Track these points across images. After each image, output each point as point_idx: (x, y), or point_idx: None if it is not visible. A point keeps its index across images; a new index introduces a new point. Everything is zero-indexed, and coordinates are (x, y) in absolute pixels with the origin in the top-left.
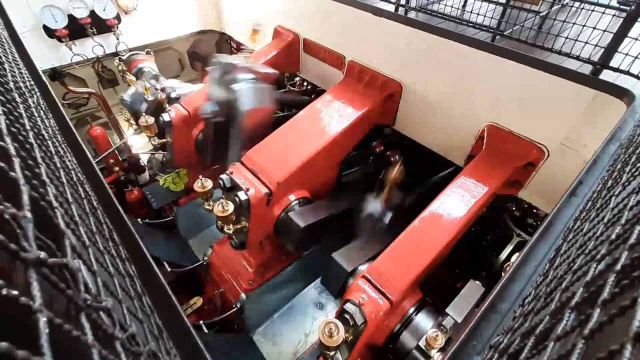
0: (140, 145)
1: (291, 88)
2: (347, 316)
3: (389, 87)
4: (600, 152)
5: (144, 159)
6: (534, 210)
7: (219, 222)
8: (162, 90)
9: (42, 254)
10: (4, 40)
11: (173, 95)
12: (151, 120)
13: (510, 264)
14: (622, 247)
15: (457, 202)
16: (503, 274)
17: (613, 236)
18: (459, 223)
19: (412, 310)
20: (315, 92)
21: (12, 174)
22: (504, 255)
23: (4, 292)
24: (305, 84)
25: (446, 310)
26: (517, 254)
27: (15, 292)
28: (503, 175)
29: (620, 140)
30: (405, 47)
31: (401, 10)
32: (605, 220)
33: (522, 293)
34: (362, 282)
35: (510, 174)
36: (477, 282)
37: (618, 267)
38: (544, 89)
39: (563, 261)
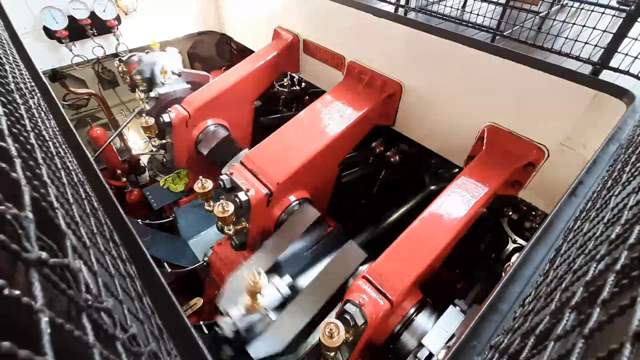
0: (141, 146)
1: (279, 88)
2: (348, 317)
3: (389, 88)
4: (600, 152)
5: (144, 160)
6: (533, 213)
7: (219, 222)
8: (158, 98)
9: (44, 255)
10: (4, 41)
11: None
12: (151, 121)
13: (511, 264)
14: (622, 247)
15: (457, 202)
16: (503, 274)
17: (613, 236)
18: (459, 223)
19: (412, 310)
20: (308, 93)
21: (14, 174)
22: (504, 255)
23: (6, 292)
24: (296, 84)
25: (421, 341)
26: (517, 254)
27: (17, 292)
28: (503, 175)
29: (620, 140)
30: (405, 48)
31: (401, 11)
32: (605, 220)
33: (523, 293)
34: (363, 283)
35: (510, 174)
36: (458, 307)
37: (618, 267)
38: (544, 89)
39: (563, 261)
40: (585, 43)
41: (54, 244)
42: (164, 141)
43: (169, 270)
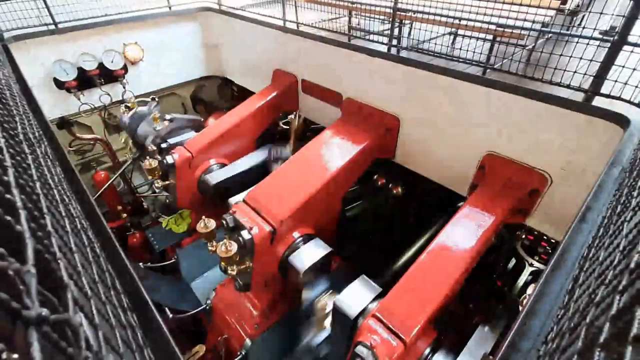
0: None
1: (283, 126)
2: None
3: (387, 122)
4: (604, 176)
5: (147, 201)
6: (545, 237)
7: (222, 263)
8: (171, 120)
9: (44, 312)
10: (15, 94)
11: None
12: (155, 163)
13: (527, 296)
14: None
15: (464, 233)
16: (520, 308)
17: (632, 265)
18: (469, 254)
19: (427, 351)
20: (310, 129)
21: (18, 227)
22: (519, 284)
23: (4, 356)
24: (297, 121)
25: None
26: (533, 286)
27: (15, 356)
28: (508, 203)
29: (621, 164)
30: (400, 84)
31: (393, 50)
32: (621, 247)
33: (544, 328)
34: (373, 322)
35: (515, 201)
36: (487, 327)
37: None
38: (538, 117)
39: (583, 292)
40: (574, 72)
41: (55, 298)
42: (167, 182)
43: (171, 315)
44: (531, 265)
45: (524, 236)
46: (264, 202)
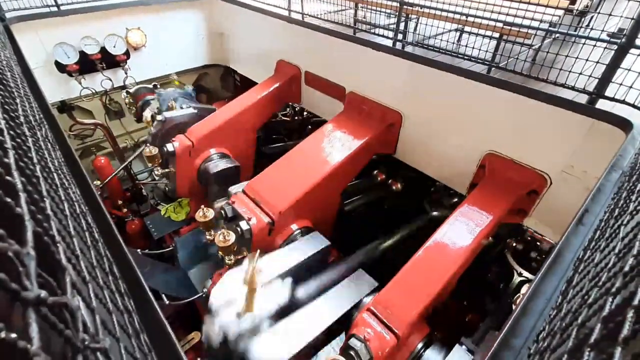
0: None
1: (282, 117)
2: (352, 352)
3: (389, 117)
4: (603, 179)
5: (146, 188)
6: (537, 244)
7: (220, 252)
8: (164, 121)
9: (43, 293)
10: (16, 75)
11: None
12: (155, 150)
13: (521, 295)
14: (638, 279)
15: (462, 231)
16: (514, 307)
17: (627, 268)
18: (465, 252)
19: (420, 345)
20: (310, 122)
21: (18, 209)
22: (512, 287)
23: (2, 335)
24: (296, 116)
25: None
26: (527, 285)
27: (13, 336)
28: (506, 203)
29: (622, 168)
30: (404, 79)
31: (399, 45)
32: (617, 250)
33: (536, 327)
34: (367, 316)
35: (513, 202)
36: (464, 346)
37: (636, 301)
38: (541, 118)
39: (576, 294)
40: (580, 74)
41: (53, 281)
42: (167, 170)
43: (167, 302)
44: (520, 274)
45: (514, 244)
46: (263, 193)
